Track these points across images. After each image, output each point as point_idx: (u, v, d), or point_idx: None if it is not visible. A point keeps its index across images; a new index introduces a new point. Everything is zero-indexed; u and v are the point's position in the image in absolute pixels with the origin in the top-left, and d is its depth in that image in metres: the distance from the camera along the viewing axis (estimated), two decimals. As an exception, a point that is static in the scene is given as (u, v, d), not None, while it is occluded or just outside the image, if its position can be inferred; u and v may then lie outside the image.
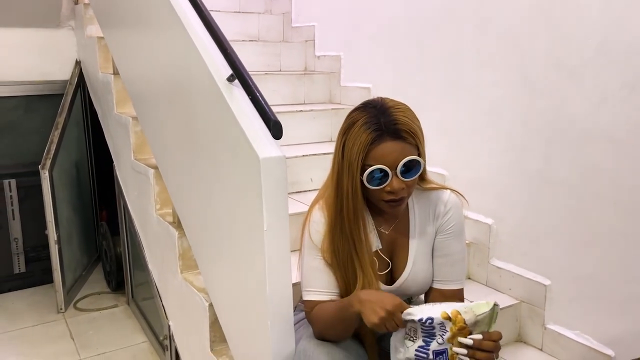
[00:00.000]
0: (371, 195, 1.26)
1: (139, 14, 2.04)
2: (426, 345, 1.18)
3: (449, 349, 1.16)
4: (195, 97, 1.62)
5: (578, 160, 1.75)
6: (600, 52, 1.66)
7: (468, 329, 1.15)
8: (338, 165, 1.26)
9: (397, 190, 1.22)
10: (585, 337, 1.77)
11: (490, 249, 2.06)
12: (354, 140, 1.21)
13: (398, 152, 1.20)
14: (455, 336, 1.16)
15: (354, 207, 1.26)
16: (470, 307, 1.16)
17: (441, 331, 1.17)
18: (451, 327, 1.16)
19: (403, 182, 1.22)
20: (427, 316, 1.17)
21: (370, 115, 1.22)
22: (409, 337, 1.21)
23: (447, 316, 1.15)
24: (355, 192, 1.24)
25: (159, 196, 2.12)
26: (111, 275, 3.15)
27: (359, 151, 1.20)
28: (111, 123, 2.67)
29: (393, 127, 1.20)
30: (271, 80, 2.73)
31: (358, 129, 1.21)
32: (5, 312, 2.90)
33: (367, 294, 1.20)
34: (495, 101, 2.01)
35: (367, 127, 1.20)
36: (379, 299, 1.17)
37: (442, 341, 1.17)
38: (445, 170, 2.23)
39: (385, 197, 1.24)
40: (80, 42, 3.10)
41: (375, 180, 1.21)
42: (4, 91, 3.08)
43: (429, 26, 2.29)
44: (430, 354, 1.18)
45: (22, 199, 3.14)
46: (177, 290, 1.98)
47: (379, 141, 1.20)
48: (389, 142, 1.20)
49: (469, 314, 1.15)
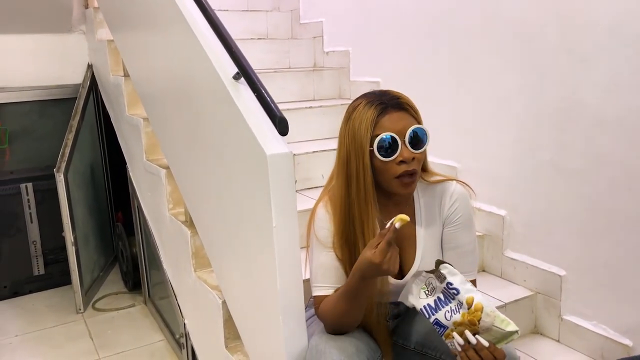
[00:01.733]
0: (381, 174, 1.25)
1: (146, 16, 2.06)
2: (435, 308, 1.18)
3: (450, 330, 1.16)
4: (202, 96, 1.63)
5: (591, 148, 1.73)
6: (612, 38, 1.64)
7: (477, 327, 1.14)
8: (346, 150, 1.27)
9: (408, 160, 1.23)
10: (603, 327, 1.75)
11: (504, 240, 2.04)
12: (360, 119, 1.24)
13: (405, 121, 1.25)
14: (463, 325, 1.15)
15: (365, 188, 1.25)
16: (496, 314, 1.14)
17: (455, 308, 1.16)
18: (464, 314, 1.15)
19: (412, 152, 1.23)
20: (456, 286, 1.16)
21: (372, 96, 1.28)
22: (426, 290, 1.21)
23: (471, 303, 1.15)
24: (365, 171, 1.24)
25: (171, 196, 2.14)
26: (128, 276, 3.18)
27: (366, 127, 1.23)
28: (123, 125, 2.69)
29: (396, 101, 1.26)
30: (280, 78, 2.73)
31: (362, 108, 1.26)
32: (26, 314, 2.95)
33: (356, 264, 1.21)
34: (506, 91, 1.99)
35: (371, 104, 1.25)
36: (364, 252, 1.18)
37: (449, 318, 1.16)
38: (457, 162, 2.22)
39: (397, 170, 1.23)
40: (91, 45, 3.14)
41: (386, 150, 1.22)
42: (19, 97, 3.13)
43: (437, 18, 2.27)
44: (433, 318, 1.18)
45: (39, 203, 3.18)
46: (191, 288, 2.00)
47: (384, 113, 1.24)
48: (394, 112, 1.25)
49: (488, 318, 1.13)
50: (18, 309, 3.01)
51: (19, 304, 3.07)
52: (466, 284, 1.18)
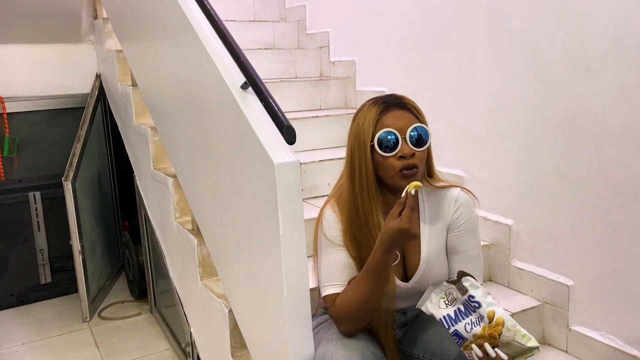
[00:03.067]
0: (383, 170, 1.29)
1: (155, 27, 2.08)
2: (454, 319, 1.18)
3: (469, 342, 1.15)
4: (210, 105, 1.64)
5: (597, 157, 1.73)
6: (617, 48, 1.64)
7: (497, 341, 1.14)
8: (351, 147, 1.32)
9: (408, 155, 1.26)
10: (611, 337, 1.73)
11: (510, 250, 2.03)
12: (364, 117, 1.30)
13: (406, 119, 1.29)
14: (483, 338, 1.15)
15: (367, 182, 1.29)
16: (517, 329, 1.14)
17: (476, 321, 1.16)
18: (484, 327, 1.15)
19: (413, 150, 1.27)
20: (478, 299, 1.16)
21: (377, 98, 1.34)
22: (446, 300, 1.21)
23: (492, 317, 1.15)
24: (367, 165, 1.29)
25: (178, 204, 2.15)
26: (134, 284, 3.19)
27: (369, 124, 1.28)
28: (131, 134, 2.71)
29: (399, 101, 1.32)
30: (287, 87, 2.74)
31: (366, 108, 1.32)
32: (32, 322, 2.96)
33: (380, 233, 1.23)
34: (512, 100, 2.00)
35: (375, 104, 1.31)
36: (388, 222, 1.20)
37: (469, 330, 1.16)
38: (464, 171, 2.22)
39: (397, 165, 1.27)
40: (99, 55, 3.17)
41: (387, 146, 1.26)
42: (28, 106, 3.16)
43: (443, 27, 2.28)
44: (452, 329, 1.18)
45: (46, 211, 3.20)
46: (198, 297, 2.00)
47: (387, 110, 1.29)
48: (397, 110, 1.30)
49: (509, 332, 1.14)
50: (24, 317, 3.02)
51: (25, 312, 3.08)
52: (487, 297, 1.18)
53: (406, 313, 1.45)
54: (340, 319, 1.31)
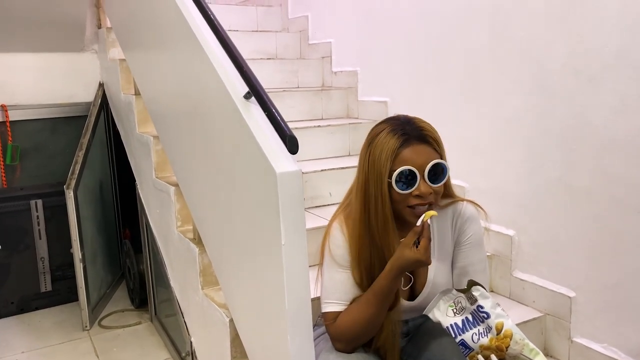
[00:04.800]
0: (396, 203, 1.25)
1: (158, 36, 2.09)
2: (462, 329, 1.18)
3: (476, 352, 1.15)
4: (213, 114, 1.64)
5: (599, 168, 1.73)
6: (620, 59, 1.65)
7: (504, 354, 1.14)
8: (365, 176, 1.27)
9: (425, 195, 1.22)
10: (613, 349, 1.72)
11: (512, 260, 2.03)
12: (381, 147, 1.23)
13: (426, 155, 1.23)
14: (490, 349, 1.14)
15: (383, 216, 1.25)
16: (525, 342, 1.14)
17: (484, 332, 1.16)
18: (492, 339, 1.15)
19: (430, 187, 1.22)
20: (487, 310, 1.16)
21: (395, 124, 1.26)
22: (454, 308, 1.20)
23: (500, 329, 1.14)
24: (384, 200, 1.24)
25: (179, 213, 2.15)
26: (134, 293, 3.18)
27: (387, 157, 1.22)
28: (133, 142, 2.72)
29: (419, 133, 1.24)
30: (289, 97, 2.75)
31: (384, 136, 1.24)
32: (32, 330, 2.95)
33: (393, 259, 1.22)
34: (514, 110, 2.00)
35: (394, 133, 1.23)
36: (403, 251, 1.19)
37: (477, 341, 1.15)
38: (465, 182, 2.22)
39: (412, 201, 1.23)
40: (103, 64, 3.19)
41: (404, 183, 1.22)
42: (31, 114, 3.17)
43: (444, 38, 2.29)
44: (459, 338, 1.17)
45: (48, 219, 3.20)
46: (199, 306, 2.00)
47: (406, 144, 1.22)
48: (416, 145, 1.23)
49: (517, 345, 1.14)
50: (24, 326, 3.01)
51: (25, 320, 3.07)
52: (497, 308, 1.18)
53: (408, 322, 1.44)
54: (339, 337, 1.30)
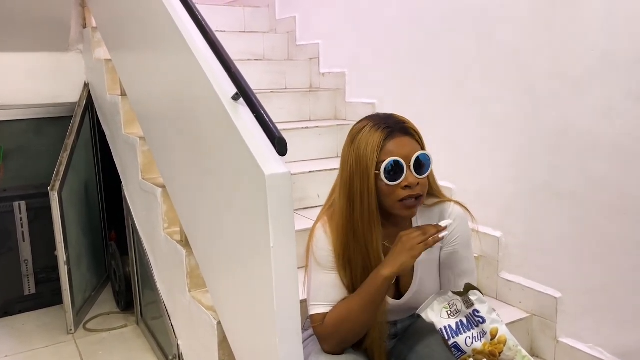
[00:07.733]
0: (385, 197, 1.26)
1: (145, 36, 2.08)
2: (455, 331, 1.18)
3: (468, 356, 1.15)
4: (201, 116, 1.63)
5: (585, 171, 1.75)
6: (604, 62, 1.67)
7: (497, 359, 1.14)
8: (349, 172, 1.27)
9: (413, 185, 1.24)
10: (599, 349, 1.74)
11: (499, 262, 2.04)
12: (366, 141, 1.25)
13: (410, 146, 1.26)
14: (482, 354, 1.15)
15: (369, 210, 1.26)
16: (518, 349, 1.15)
17: (477, 336, 1.16)
18: (485, 344, 1.15)
19: (417, 178, 1.24)
20: (483, 315, 1.16)
21: (377, 120, 1.28)
22: (448, 310, 1.20)
23: (495, 334, 1.15)
24: (370, 194, 1.25)
25: (166, 215, 2.13)
26: (120, 295, 3.15)
27: (372, 150, 1.24)
28: (119, 143, 2.69)
29: (401, 126, 1.27)
30: (277, 98, 2.75)
31: (368, 131, 1.26)
32: (16, 334, 2.90)
33: (387, 257, 1.25)
34: (500, 113, 2.02)
35: (377, 128, 1.26)
36: (397, 247, 1.23)
37: (470, 344, 1.15)
38: (452, 184, 2.23)
39: (401, 194, 1.24)
40: (88, 64, 3.15)
41: (392, 175, 1.23)
42: (15, 114, 3.12)
43: (432, 41, 2.30)
44: (452, 341, 1.17)
45: (32, 221, 3.15)
46: (186, 309, 1.98)
47: (390, 137, 1.25)
48: (400, 137, 1.26)
49: (510, 352, 1.14)
50: (8, 329, 2.96)
51: (9, 324, 3.02)
52: (493, 314, 1.19)
53: (397, 324, 1.45)
54: (327, 337, 1.30)
